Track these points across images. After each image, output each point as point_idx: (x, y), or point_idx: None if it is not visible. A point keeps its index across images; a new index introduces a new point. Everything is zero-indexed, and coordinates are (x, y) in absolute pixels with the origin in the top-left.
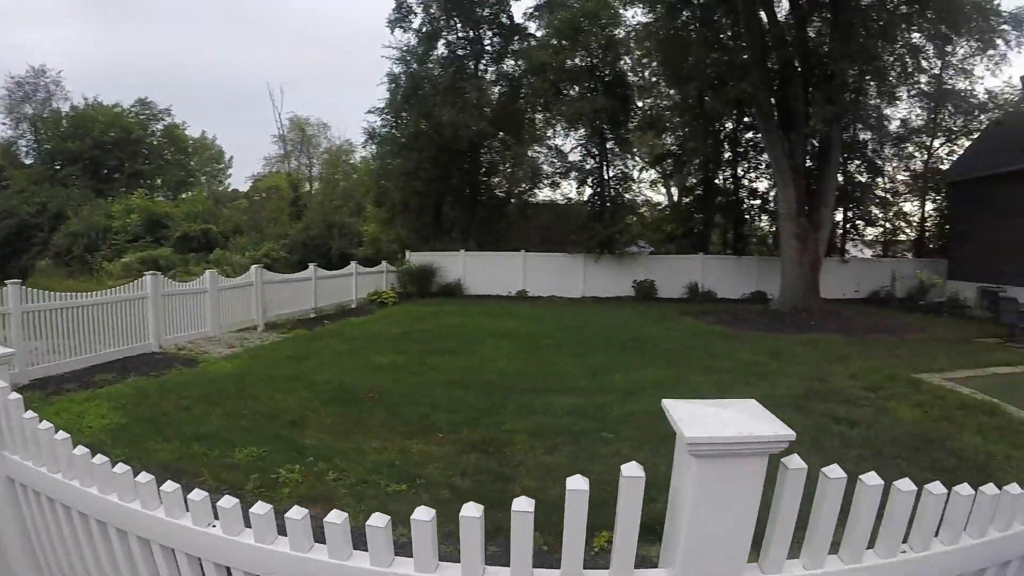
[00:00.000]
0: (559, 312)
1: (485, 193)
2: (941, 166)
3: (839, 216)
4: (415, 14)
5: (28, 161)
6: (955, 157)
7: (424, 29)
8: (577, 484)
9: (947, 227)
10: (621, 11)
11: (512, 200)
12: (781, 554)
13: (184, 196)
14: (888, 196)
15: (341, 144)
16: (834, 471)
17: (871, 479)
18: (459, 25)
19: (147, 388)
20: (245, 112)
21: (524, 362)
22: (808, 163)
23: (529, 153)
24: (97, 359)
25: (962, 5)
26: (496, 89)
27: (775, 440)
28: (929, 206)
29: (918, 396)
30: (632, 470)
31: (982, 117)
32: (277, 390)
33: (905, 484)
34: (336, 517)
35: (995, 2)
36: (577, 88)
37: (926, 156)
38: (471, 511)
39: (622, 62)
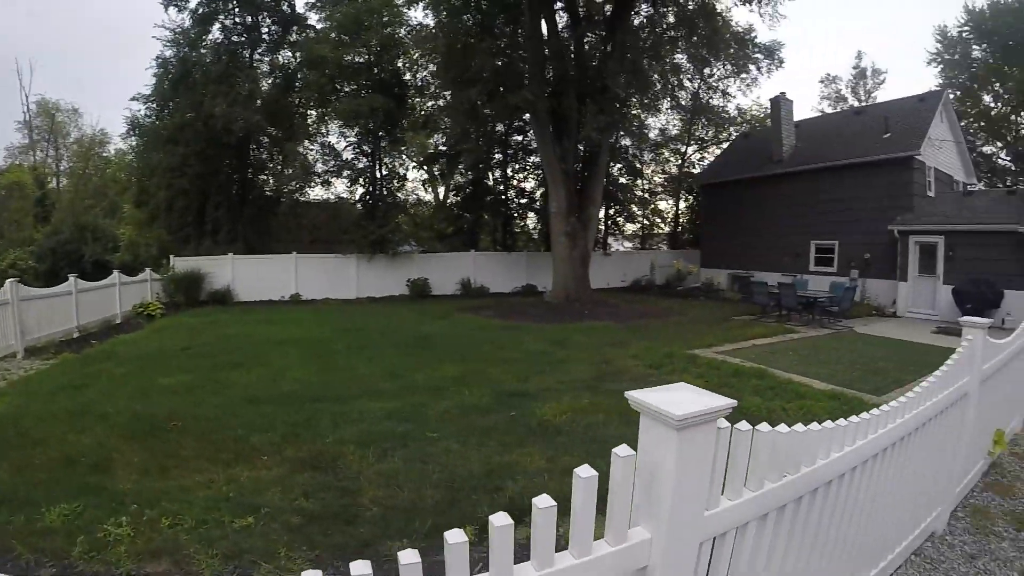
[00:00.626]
0: (339, 315)
1: (255, 192)
2: (693, 170)
3: (602, 213)
4: None
5: None
6: (707, 163)
7: (200, 11)
8: (586, 472)
9: (699, 223)
10: (405, 10)
11: (282, 199)
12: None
13: None
14: (646, 196)
15: (94, 134)
16: (743, 425)
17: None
18: (237, 9)
19: None
20: None
21: (321, 369)
22: (577, 166)
23: (300, 149)
24: None
25: (723, 34)
26: (269, 81)
27: (725, 408)
28: (682, 204)
29: (696, 368)
30: (585, 471)
31: (732, 130)
32: (67, 429)
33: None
34: None
35: (752, 34)
36: (354, 85)
37: (680, 161)
38: (455, 537)
39: (400, 61)
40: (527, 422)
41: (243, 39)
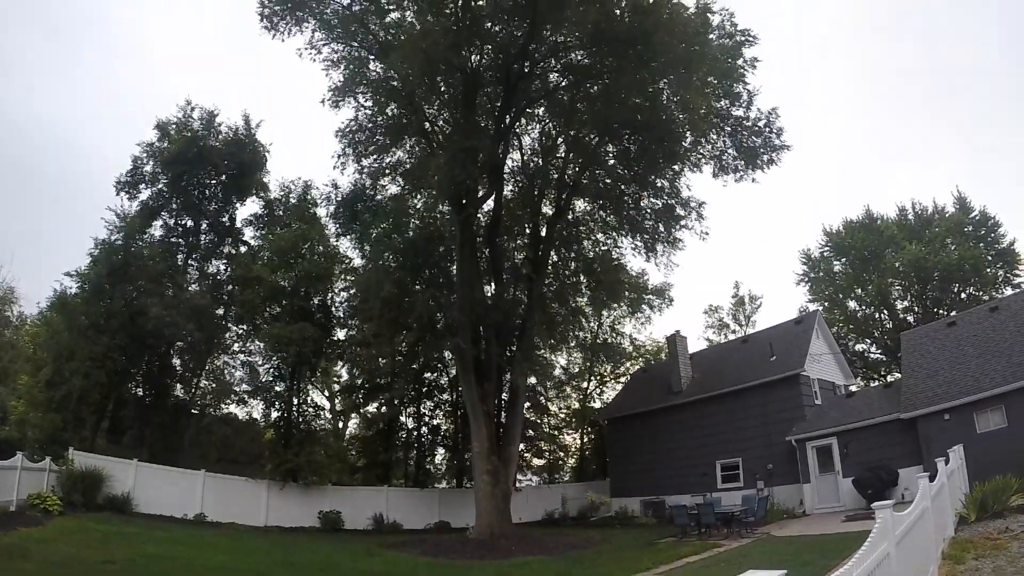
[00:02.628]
0: (257, 544)
1: (168, 399)
2: (594, 404)
3: None
4: (146, 184)
5: None
6: (608, 397)
7: (149, 203)
8: None
9: (605, 455)
10: (336, 245)
11: (195, 411)
12: None
13: None
14: (553, 432)
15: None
16: None
17: None
18: (181, 210)
19: None
20: None
21: None
22: (497, 403)
23: (219, 363)
24: None
25: (621, 279)
26: (195, 287)
27: None
28: (586, 438)
29: None
30: None
31: (629, 364)
32: None
33: None
34: None
35: (645, 277)
36: (281, 308)
37: (582, 396)
38: None
39: (331, 294)
40: None
41: (180, 241)
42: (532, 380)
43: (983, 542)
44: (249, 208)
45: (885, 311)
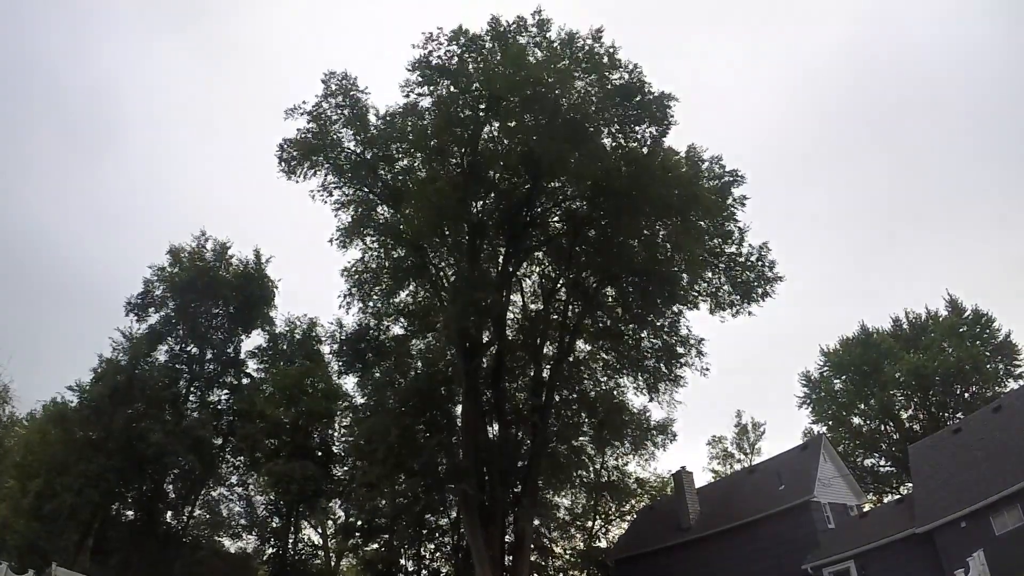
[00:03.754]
0: None
1: (160, 526)
2: (600, 544)
3: None
4: (155, 308)
5: None
6: (613, 535)
7: (157, 327)
8: None
9: None
10: (340, 383)
11: (186, 540)
12: None
13: None
14: (561, 574)
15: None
16: None
17: None
18: (187, 336)
19: None
20: None
21: None
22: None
23: (216, 495)
24: None
25: (623, 416)
26: (194, 415)
27: None
28: None
29: None
30: None
31: (633, 501)
32: None
33: None
34: None
35: (647, 414)
36: (281, 443)
37: (587, 536)
38: None
39: (332, 431)
40: None
41: (184, 368)
42: (536, 522)
43: None
44: (254, 340)
45: (890, 423)
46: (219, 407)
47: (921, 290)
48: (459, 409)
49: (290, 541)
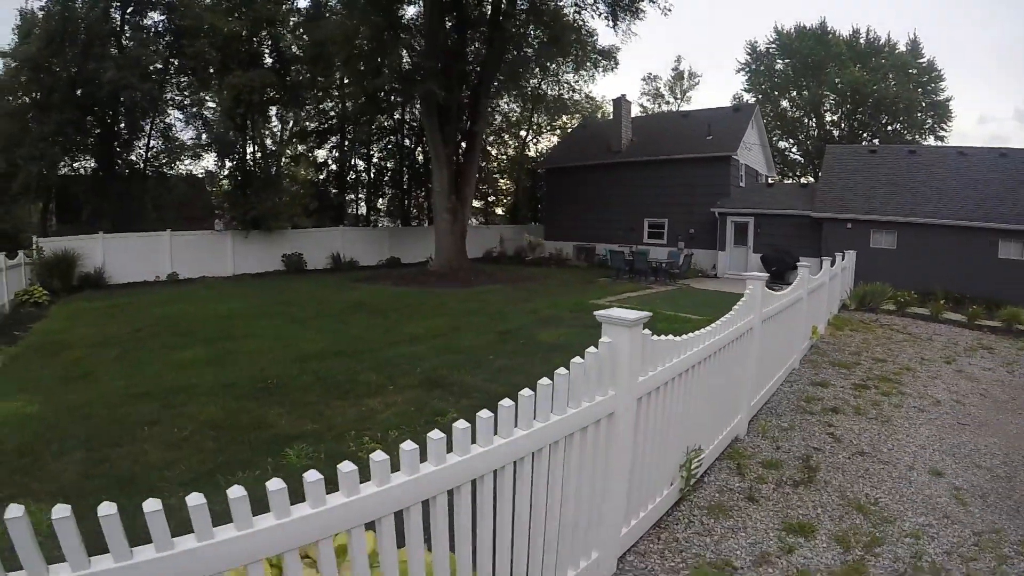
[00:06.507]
0: (243, 290)
1: (119, 167)
2: (528, 153)
3: None
4: None
5: None
6: (542, 147)
7: None
8: (578, 360)
9: (539, 201)
10: None
11: (150, 173)
12: None
13: None
14: (494, 175)
15: None
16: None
17: None
18: None
19: None
20: None
21: (317, 332)
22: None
23: (169, 121)
24: None
25: (571, 36)
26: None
27: (647, 316)
28: (520, 185)
29: None
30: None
31: (564, 118)
32: (168, 407)
33: None
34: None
35: (594, 38)
36: (229, 55)
37: (519, 145)
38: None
39: (287, 37)
40: (535, 345)
41: None
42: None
43: (857, 323)
44: None
45: (814, 119)
46: (157, 30)
47: (890, 15)
48: (411, 11)
49: (248, 152)
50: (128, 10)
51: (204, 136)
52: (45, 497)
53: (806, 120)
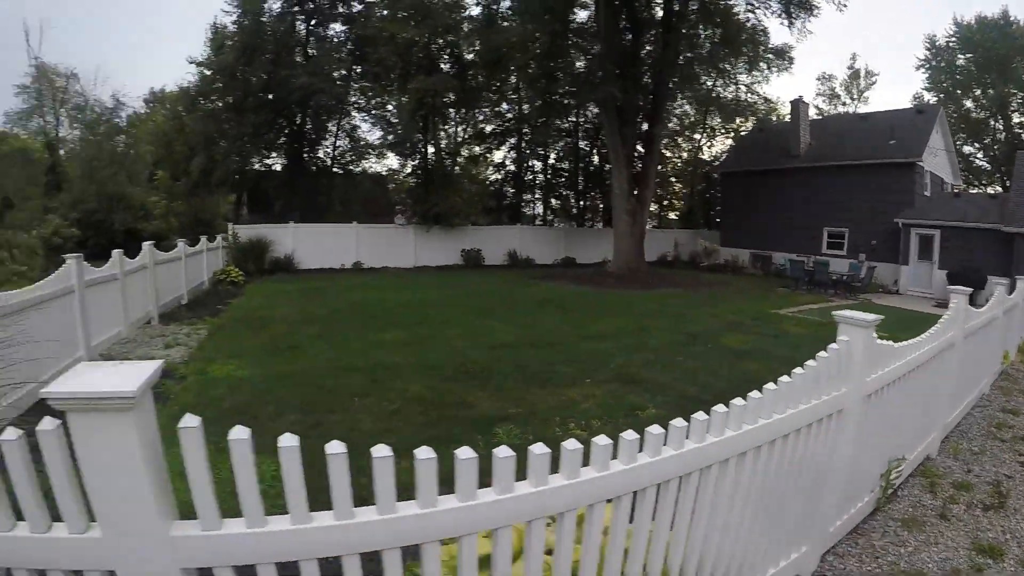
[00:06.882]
0: (425, 281)
1: (310, 163)
2: (702, 156)
3: None
4: None
5: None
6: (717, 151)
7: None
8: (811, 361)
9: (713, 206)
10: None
11: (337, 171)
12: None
13: None
14: (671, 179)
15: (116, 103)
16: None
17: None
18: None
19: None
20: None
21: (508, 324)
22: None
23: (354, 123)
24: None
25: (742, 36)
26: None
27: (877, 319)
28: (694, 189)
29: (788, 322)
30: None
31: (738, 120)
32: (375, 382)
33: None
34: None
35: (766, 37)
36: (410, 61)
37: (695, 149)
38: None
39: (465, 44)
40: (721, 349)
41: (296, 9)
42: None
43: None
44: None
45: (1001, 120)
46: (337, 40)
47: None
48: (581, 16)
49: (430, 152)
50: (312, 22)
51: (388, 137)
52: (265, 451)
53: (992, 122)
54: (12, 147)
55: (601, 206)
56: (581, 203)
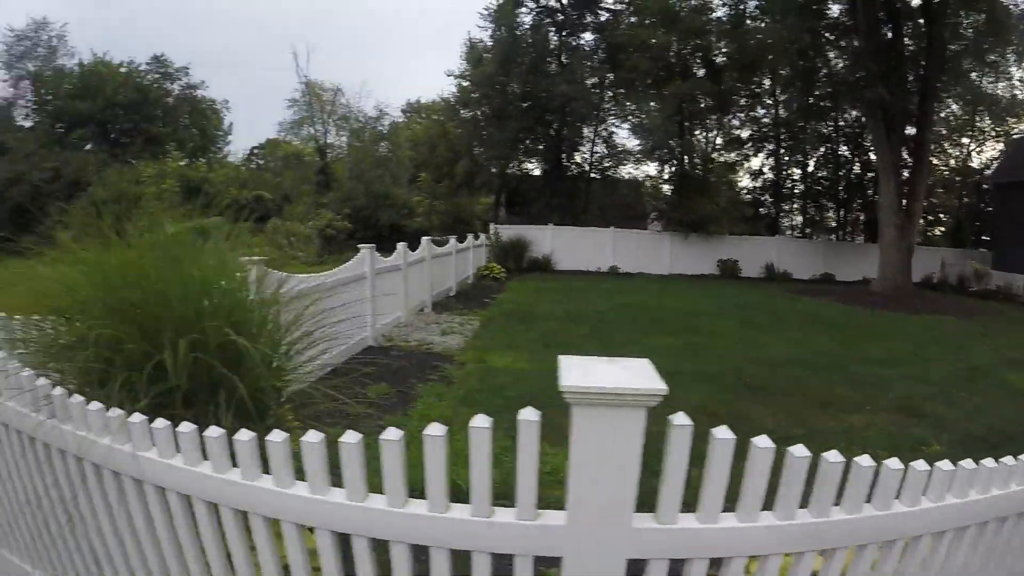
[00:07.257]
0: (691, 290)
1: (568, 168)
2: (971, 164)
3: None
4: None
5: (26, 124)
6: (987, 157)
7: None
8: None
9: (989, 222)
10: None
11: (595, 176)
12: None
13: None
14: (939, 189)
15: (379, 113)
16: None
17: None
18: None
19: None
20: (248, 70)
21: (777, 338)
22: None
23: (609, 129)
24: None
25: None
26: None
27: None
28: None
29: None
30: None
31: (1010, 121)
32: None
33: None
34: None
35: None
36: (663, 67)
37: (962, 155)
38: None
39: (716, 50)
40: (1008, 388)
41: (549, 20)
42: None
43: None
44: None
45: None
46: (588, 48)
47: None
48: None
49: (686, 159)
50: (563, 32)
51: (646, 143)
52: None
53: None
54: (287, 151)
55: (862, 219)
56: (842, 213)
